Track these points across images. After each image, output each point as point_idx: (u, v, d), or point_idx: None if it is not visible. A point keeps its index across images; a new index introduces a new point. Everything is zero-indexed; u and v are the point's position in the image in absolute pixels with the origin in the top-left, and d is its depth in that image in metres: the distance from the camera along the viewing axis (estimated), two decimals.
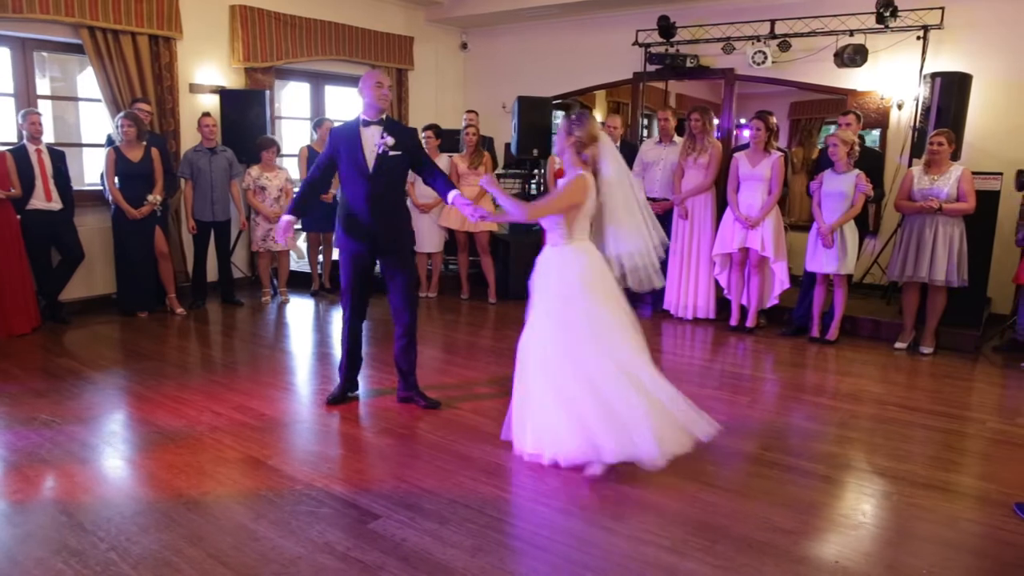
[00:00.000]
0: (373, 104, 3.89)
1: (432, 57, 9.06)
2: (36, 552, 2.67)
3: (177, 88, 6.68)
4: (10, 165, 5.44)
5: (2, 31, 5.71)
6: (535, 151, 7.06)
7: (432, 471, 3.37)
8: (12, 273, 5.43)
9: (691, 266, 6.23)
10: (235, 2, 7.02)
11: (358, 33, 8.14)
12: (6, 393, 4.30)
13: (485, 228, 6.82)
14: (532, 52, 8.81)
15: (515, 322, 6.09)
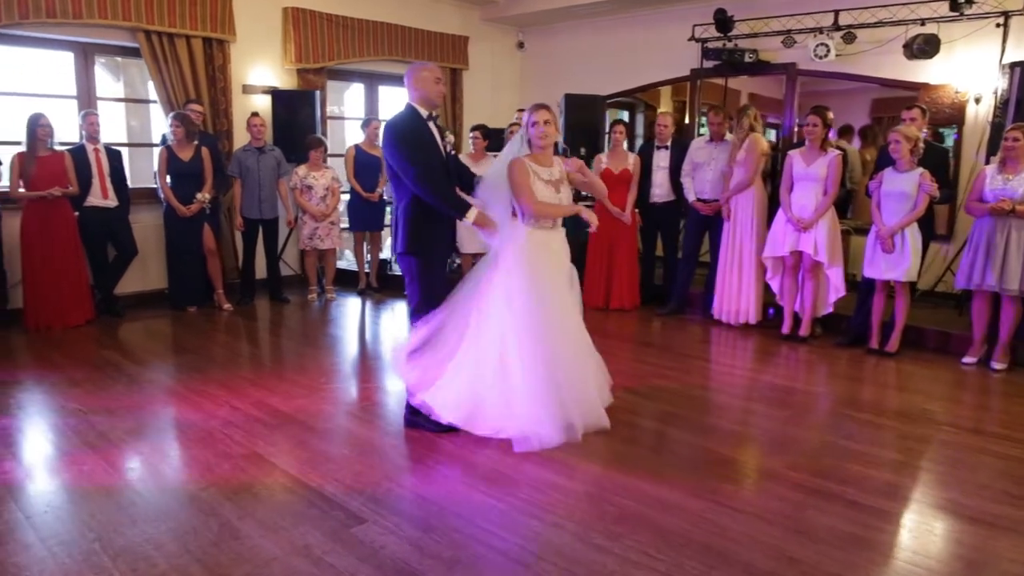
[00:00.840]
0: (430, 99, 3.61)
1: (487, 56, 9.00)
2: (29, 538, 2.71)
3: (230, 89, 6.85)
4: (68, 164, 5.68)
5: (65, 36, 5.98)
6: (583, 150, 6.88)
7: (431, 476, 3.27)
8: (68, 267, 5.67)
9: (735, 269, 5.92)
10: (288, 4, 7.14)
11: (411, 33, 8.16)
12: (45, 381, 4.46)
13: None
14: (588, 50, 8.62)
15: (596, 331, 5.93)
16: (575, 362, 3.74)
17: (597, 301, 6.62)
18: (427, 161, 3.51)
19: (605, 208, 6.49)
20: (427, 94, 3.60)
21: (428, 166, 3.50)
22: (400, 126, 3.56)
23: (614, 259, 6.57)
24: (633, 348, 5.46)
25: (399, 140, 3.51)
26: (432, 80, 3.62)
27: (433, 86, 3.62)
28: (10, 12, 5.49)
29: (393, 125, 3.59)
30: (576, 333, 3.85)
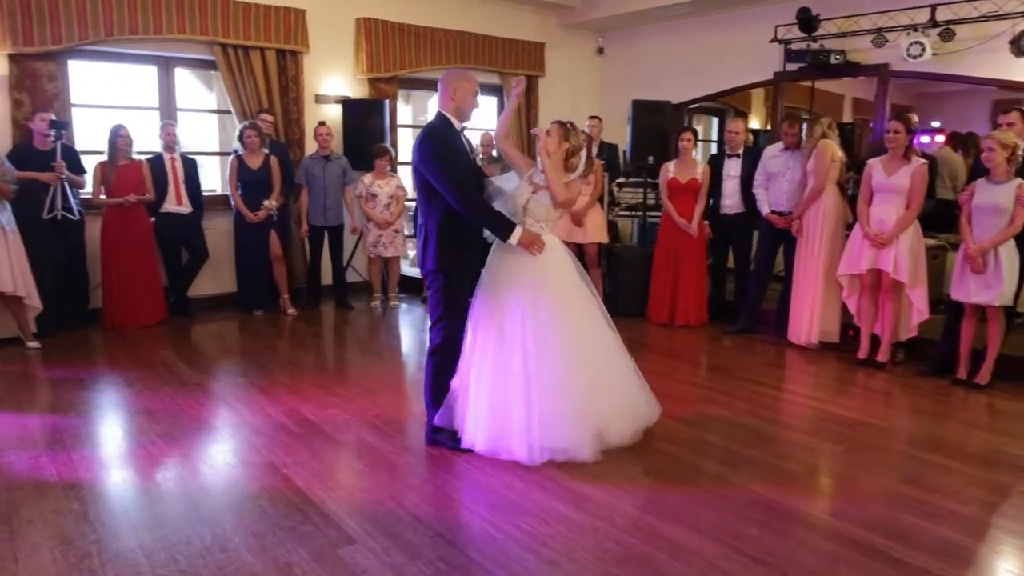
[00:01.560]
0: (464, 112, 3.48)
1: (565, 63, 8.84)
2: (34, 537, 2.79)
3: (303, 99, 7.01)
4: (145, 172, 5.98)
5: (147, 51, 6.31)
6: (651, 158, 6.60)
7: (436, 498, 3.15)
8: (142, 270, 5.95)
9: (809, 286, 5.47)
10: (360, 15, 7.26)
11: (486, 41, 8.12)
12: (102, 380, 4.68)
13: (595, 239, 6.47)
14: (668, 54, 8.29)
15: (632, 343, 5.54)
16: (601, 367, 3.61)
17: (662, 317, 6.32)
18: (467, 179, 3.40)
19: (671, 219, 6.21)
20: (463, 106, 3.47)
21: (469, 185, 3.40)
22: (438, 139, 3.40)
23: (680, 273, 6.25)
24: (689, 369, 5.15)
25: (438, 156, 3.36)
26: (471, 93, 3.49)
27: (471, 99, 3.50)
28: (96, 30, 5.84)
29: (430, 137, 3.42)
30: (599, 333, 3.70)
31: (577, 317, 3.56)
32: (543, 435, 3.41)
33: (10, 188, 5.09)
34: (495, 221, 3.45)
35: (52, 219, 5.51)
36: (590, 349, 3.58)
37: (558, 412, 3.42)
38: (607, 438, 3.53)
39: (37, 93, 5.73)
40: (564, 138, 3.50)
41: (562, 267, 3.62)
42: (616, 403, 3.61)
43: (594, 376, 3.54)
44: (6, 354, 5.19)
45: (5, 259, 5.03)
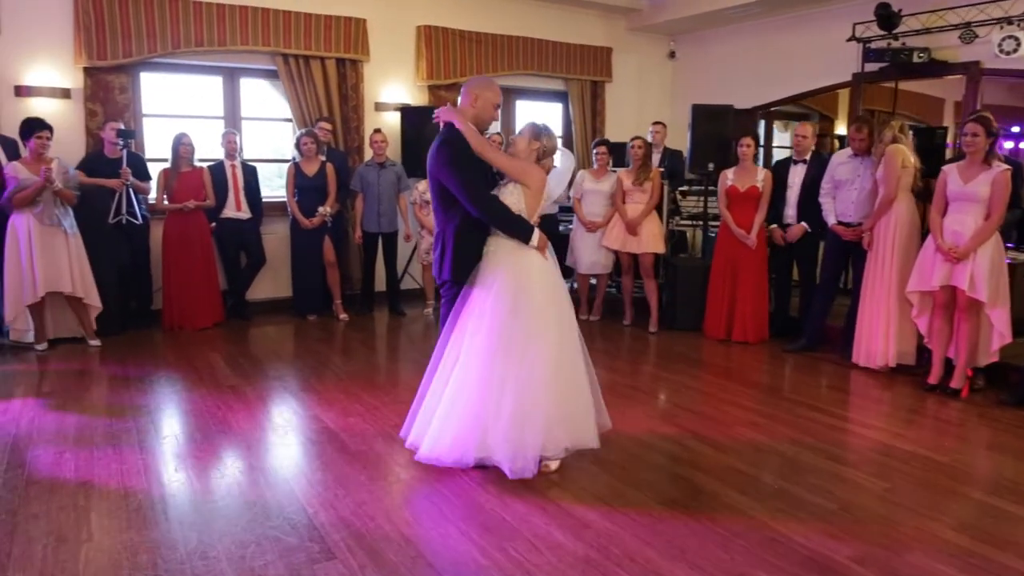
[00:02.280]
0: (484, 122, 3.44)
1: (634, 68, 8.59)
2: (33, 532, 2.86)
3: (362, 107, 7.10)
4: (206, 179, 6.18)
5: (213, 62, 6.54)
6: (711, 165, 6.27)
7: (428, 515, 3.02)
8: (200, 273, 6.15)
9: (877, 303, 5.03)
10: (421, 23, 7.28)
11: (550, 47, 7.99)
12: (142, 377, 4.83)
13: (650, 249, 6.21)
14: (740, 57, 7.92)
15: (675, 357, 5.48)
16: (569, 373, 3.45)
17: (718, 332, 5.98)
18: (484, 183, 3.33)
19: (729, 229, 5.88)
20: (482, 115, 3.43)
21: (487, 192, 3.32)
22: (452, 146, 3.32)
23: (738, 286, 5.89)
24: (736, 388, 4.81)
25: (453, 160, 3.29)
26: (492, 104, 3.44)
27: (491, 110, 3.45)
28: (164, 44, 6.10)
29: (445, 144, 3.34)
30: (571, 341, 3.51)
31: (553, 322, 3.38)
32: (519, 438, 3.26)
33: (73, 194, 5.36)
34: (514, 224, 3.35)
35: (117, 223, 5.77)
36: (562, 355, 3.40)
37: (535, 415, 3.27)
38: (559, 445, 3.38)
39: (109, 104, 6.03)
40: (534, 138, 3.39)
41: (544, 272, 3.46)
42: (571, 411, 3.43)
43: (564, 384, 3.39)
44: (70, 351, 5.46)
45: (66, 261, 5.30)
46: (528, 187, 3.34)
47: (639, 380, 5.01)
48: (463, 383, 3.31)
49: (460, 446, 3.30)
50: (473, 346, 3.32)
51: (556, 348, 3.37)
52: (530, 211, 3.37)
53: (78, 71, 5.91)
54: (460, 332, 3.38)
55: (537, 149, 3.40)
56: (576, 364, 3.47)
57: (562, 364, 3.39)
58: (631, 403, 4.47)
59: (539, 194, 3.39)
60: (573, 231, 6.70)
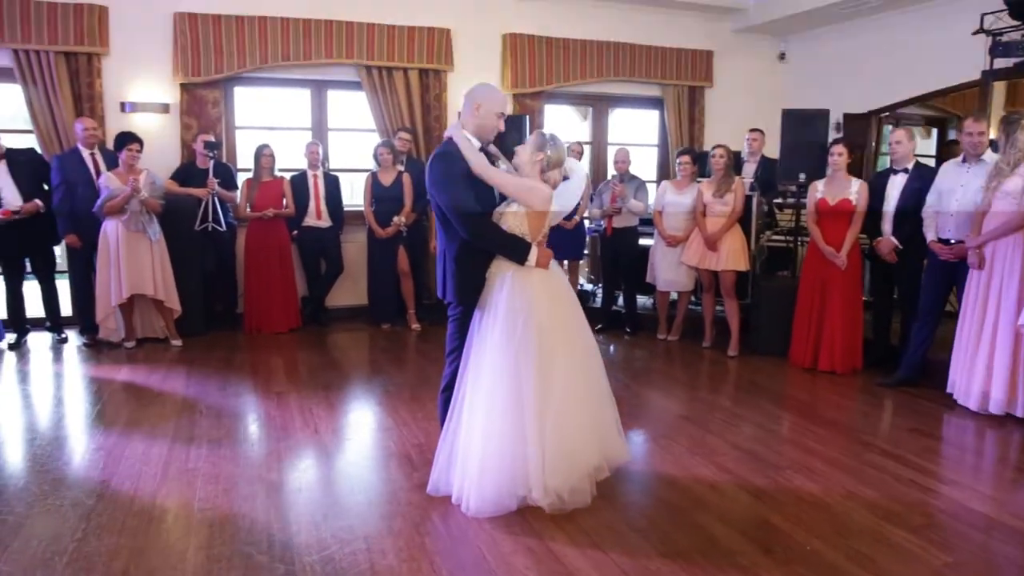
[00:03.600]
0: (486, 133, 3.23)
1: (739, 71, 8.04)
2: (35, 528, 2.97)
3: (444, 116, 7.09)
4: (286, 188, 6.40)
5: (301, 76, 6.76)
6: (802, 175, 5.70)
7: (408, 548, 2.83)
8: (278, 279, 6.36)
9: (983, 336, 4.32)
10: (506, 31, 7.18)
11: (645, 52, 7.65)
12: (205, 377, 5.01)
13: (730, 267, 5.73)
14: (857, 56, 7.20)
15: (744, 385, 5.05)
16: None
17: (803, 360, 5.40)
18: (474, 203, 3.07)
19: (817, 247, 5.31)
20: (485, 124, 3.20)
21: (477, 212, 3.07)
22: (444, 162, 3.13)
23: (826, 310, 5.29)
24: (803, 425, 4.28)
25: (443, 179, 3.10)
26: (496, 114, 3.21)
27: (495, 120, 3.22)
28: (253, 59, 6.38)
29: (436, 160, 3.18)
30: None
31: (561, 344, 3.14)
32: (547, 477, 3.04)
33: (158, 203, 5.69)
34: (507, 245, 3.12)
35: (203, 230, 6.08)
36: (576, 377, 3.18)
37: (560, 451, 3.06)
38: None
39: (203, 117, 6.39)
40: (538, 149, 3.16)
41: (549, 290, 3.20)
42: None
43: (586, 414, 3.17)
44: (152, 349, 5.80)
45: (150, 266, 5.62)
46: (530, 206, 3.11)
47: (694, 408, 4.59)
48: (488, 426, 3.07)
49: (500, 493, 3.06)
50: (488, 384, 3.10)
51: (568, 371, 3.14)
52: (534, 231, 3.14)
53: (175, 87, 6.30)
54: (475, 369, 3.16)
55: (541, 160, 3.16)
56: (592, 384, 3.26)
57: (584, 384, 3.19)
58: (676, 434, 4.09)
59: (543, 213, 3.15)
60: (653, 246, 6.32)
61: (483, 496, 3.04)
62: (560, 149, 3.21)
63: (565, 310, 3.23)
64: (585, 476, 3.13)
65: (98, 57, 6.04)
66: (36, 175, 5.72)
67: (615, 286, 6.73)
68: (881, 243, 5.12)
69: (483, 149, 3.27)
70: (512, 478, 3.07)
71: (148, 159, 6.00)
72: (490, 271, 3.20)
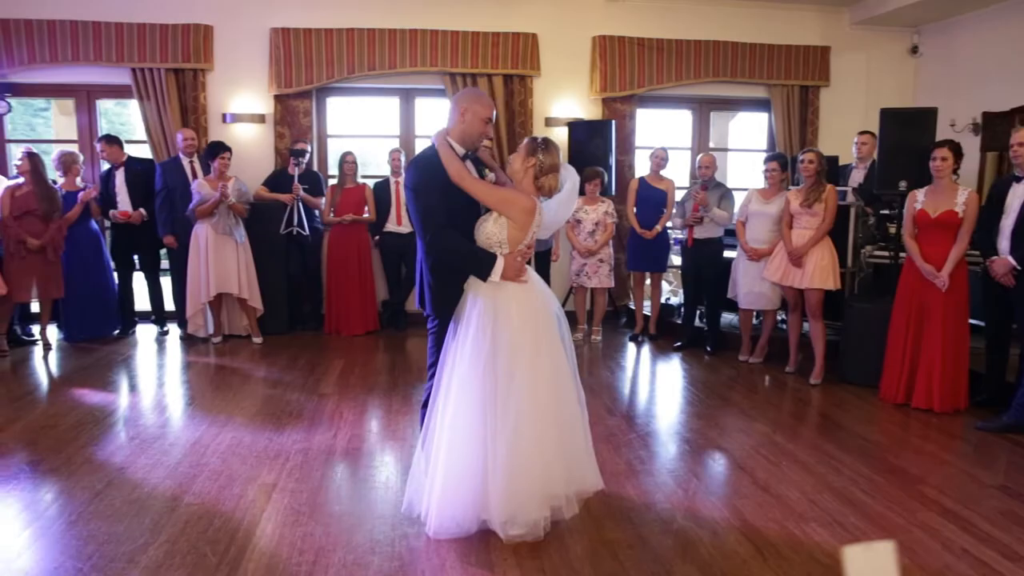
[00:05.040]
0: (471, 140, 3.09)
1: (861, 68, 7.27)
2: (33, 511, 3.21)
3: (530, 122, 6.97)
4: (368, 195, 6.57)
5: (390, 84, 6.93)
6: (903, 183, 5.00)
7: (357, 567, 2.76)
8: (357, 283, 6.54)
9: None
10: (596, 33, 6.94)
11: (749, 50, 7.10)
12: (266, 374, 5.23)
13: (815, 284, 5.15)
14: (1001, 47, 6.24)
15: (812, 419, 4.60)
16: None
17: (894, 393, 4.74)
18: (445, 215, 2.93)
19: (914, 264, 4.64)
20: (470, 131, 3.07)
21: (442, 225, 2.93)
22: (420, 169, 3.03)
23: (924, 337, 4.60)
24: (860, 471, 3.69)
25: (416, 186, 3.00)
26: (481, 120, 3.05)
27: (481, 126, 3.07)
28: (340, 70, 6.62)
29: (412, 165, 3.10)
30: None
31: (530, 362, 2.92)
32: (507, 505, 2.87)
33: (244, 208, 6.04)
34: (470, 259, 2.95)
35: (288, 234, 6.38)
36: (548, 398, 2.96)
37: (520, 478, 2.86)
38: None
39: (295, 126, 6.72)
40: (530, 154, 2.98)
41: (525, 304, 3.00)
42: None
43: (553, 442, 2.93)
44: (236, 345, 6.17)
45: (235, 267, 5.98)
46: (510, 218, 2.93)
47: (740, 439, 4.13)
48: (452, 445, 2.93)
49: (461, 515, 2.94)
50: (455, 401, 2.96)
51: (529, 393, 2.91)
52: (513, 242, 2.95)
53: (270, 98, 6.68)
54: (446, 384, 3.01)
55: (534, 166, 2.99)
56: (560, 408, 3.01)
57: (547, 408, 2.94)
58: (696, 467, 3.72)
59: (525, 225, 2.96)
60: (736, 259, 5.83)
61: (443, 515, 2.91)
62: (553, 155, 3.02)
63: (539, 328, 3.00)
64: (541, 505, 2.90)
65: (203, 72, 6.53)
66: (148, 183, 6.27)
67: (697, 301, 6.28)
68: (996, 263, 4.38)
69: (469, 157, 3.14)
70: (474, 501, 2.91)
71: (244, 166, 6.42)
72: (468, 282, 3.06)
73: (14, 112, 6.75)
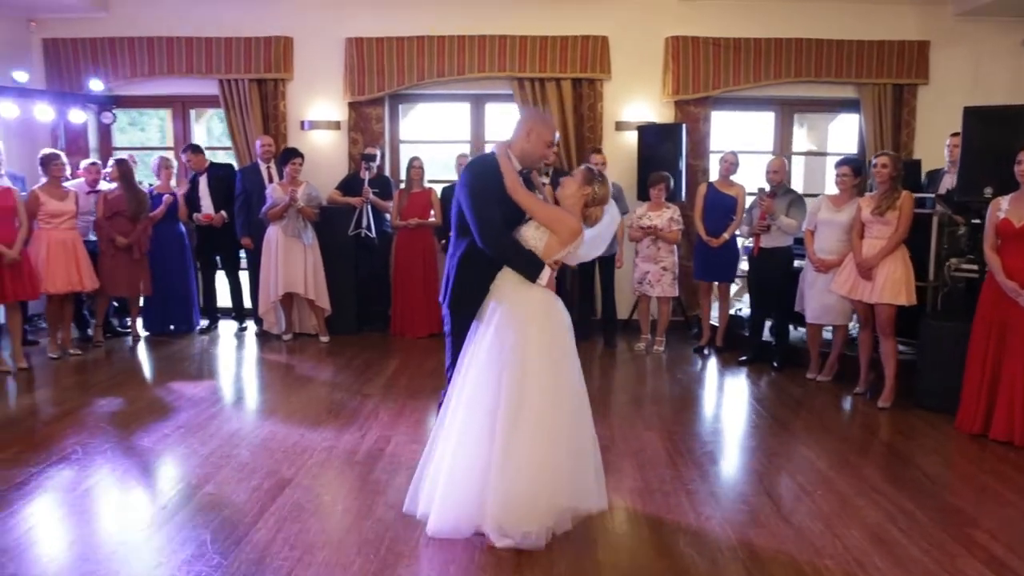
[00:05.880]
0: (531, 159, 3.18)
1: (965, 63, 6.65)
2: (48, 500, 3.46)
3: (600, 127, 6.86)
4: (434, 199, 6.68)
5: (459, 91, 7.02)
6: (988, 190, 4.51)
7: (338, 567, 2.80)
8: (420, 285, 6.65)
9: None
10: (669, 34, 6.73)
11: (835, 47, 6.68)
12: (321, 373, 5.42)
13: (885, 299, 4.76)
14: None
15: (867, 449, 4.29)
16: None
17: (971, 424, 4.29)
18: (499, 219, 3.02)
19: (995, 280, 4.18)
20: (533, 152, 3.16)
21: (500, 227, 3.02)
22: (476, 175, 3.13)
23: (1004, 361, 4.13)
24: (905, 505, 3.35)
25: (475, 189, 3.08)
26: (545, 143, 3.14)
27: (543, 148, 3.16)
28: (411, 76, 6.78)
29: (469, 170, 3.19)
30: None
31: (548, 373, 2.96)
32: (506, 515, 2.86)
33: (313, 211, 6.28)
34: (523, 259, 3.01)
35: (356, 236, 6.58)
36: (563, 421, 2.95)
37: (524, 489, 2.85)
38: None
39: (367, 132, 6.94)
40: (586, 183, 3.05)
41: (552, 324, 3.03)
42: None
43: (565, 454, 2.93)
44: (305, 343, 6.43)
45: (302, 268, 6.24)
46: (557, 235, 2.98)
47: (773, 465, 3.84)
48: (459, 445, 2.96)
49: (458, 517, 2.96)
50: (467, 402, 2.99)
51: (540, 407, 2.90)
52: (547, 253, 3.00)
53: (344, 106, 6.92)
54: (461, 383, 3.07)
55: (587, 195, 3.07)
56: (573, 424, 2.99)
57: (555, 421, 2.93)
58: (718, 490, 3.51)
59: (565, 244, 2.99)
60: (803, 270, 5.48)
61: (442, 518, 2.94)
62: (606, 188, 3.12)
63: (555, 343, 3.03)
64: (539, 517, 2.86)
65: (283, 82, 6.88)
66: (229, 187, 6.65)
67: (764, 313, 5.95)
68: None
69: (523, 174, 3.21)
70: (475, 504, 2.91)
71: (320, 170, 6.71)
72: (494, 284, 3.10)
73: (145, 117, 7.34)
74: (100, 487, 3.47)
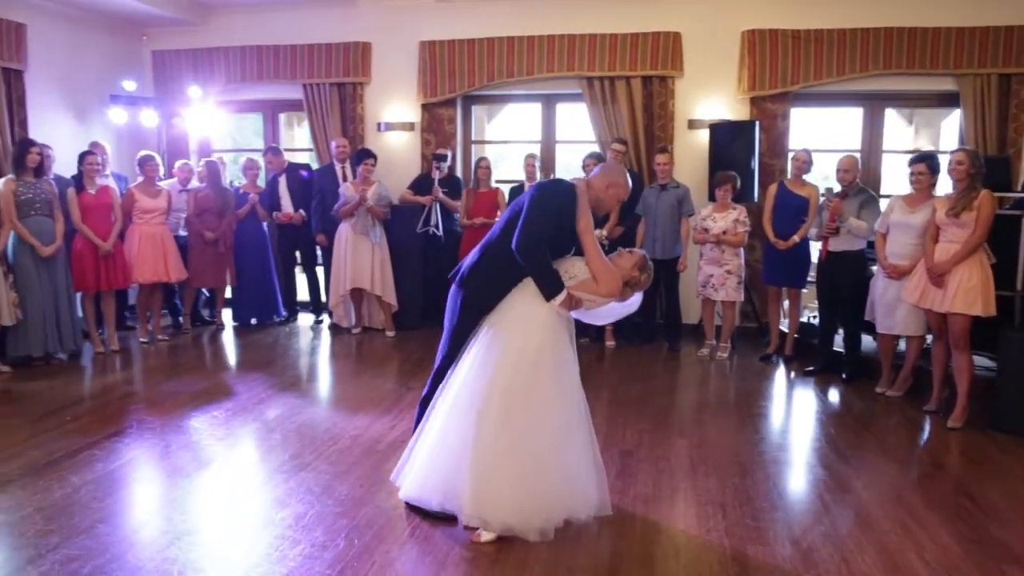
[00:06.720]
0: (600, 205, 3.23)
1: None
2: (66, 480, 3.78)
3: (671, 125, 6.68)
4: (501, 199, 6.72)
5: (529, 91, 7.04)
6: None
7: (319, 546, 2.90)
8: None
9: None
10: (746, 27, 6.44)
11: (931, 35, 6.14)
12: (374, 367, 5.61)
13: (957, 309, 4.35)
14: None
15: (947, 477, 3.95)
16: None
17: None
18: (547, 237, 3.06)
19: None
20: (605, 200, 3.23)
21: (541, 242, 3.04)
22: (556, 197, 3.10)
23: None
24: (943, 537, 3.04)
25: (541, 204, 3.07)
26: (616, 199, 3.25)
27: (614, 203, 3.29)
28: (480, 78, 6.89)
29: (550, 189, 3.19)
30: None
31: (550, 377, 3.05)
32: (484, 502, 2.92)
33: (382, 211, 6.50)
34: (546, 275, 3.05)
35: (424, 233, 6.74)
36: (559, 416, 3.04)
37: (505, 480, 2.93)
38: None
39: (439, 133, 7.10)
40: (641, 268, 3.20)
41: (560, 335, 3.10)
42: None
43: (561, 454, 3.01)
44: (372, 336, 6.67)
45: (369, 265, 6.47)
46: (595, 282, 3.08)
47: (806, 483, 3.61)
48: (444, 432, 3.08)
49: (423, 484, 3.10)
50: (459, 394, 3.08)
51: (547, 405, 3.01)
52: (578, 287, 3.08)
53: (418, 107, 7.11)
54: (459, 371, 3.15)
55: (634, 277, 3.20)
56: (572, 427, 3.07)
57: (550, 424, 3.00)
58: (731, 504, 3.33)
59: (597, 293, 3.09)
60: (874, 276, 5.09)
61: (413, 483, 3.13)
62: (650, 280, 3.28)
63: (559, 353, 3.08)
64: (522, 515, 2.90)
65: (361, 85, 7.17)
66: (307, 187, 7.01)
67: (834, 321, 5.57)
68: None
69: None
70: (447, 483, 3.00)
71: (394, 170, 6.95)
72: (510, 294, 3.15)
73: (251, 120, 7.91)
74: (136, 462, 3.76)
